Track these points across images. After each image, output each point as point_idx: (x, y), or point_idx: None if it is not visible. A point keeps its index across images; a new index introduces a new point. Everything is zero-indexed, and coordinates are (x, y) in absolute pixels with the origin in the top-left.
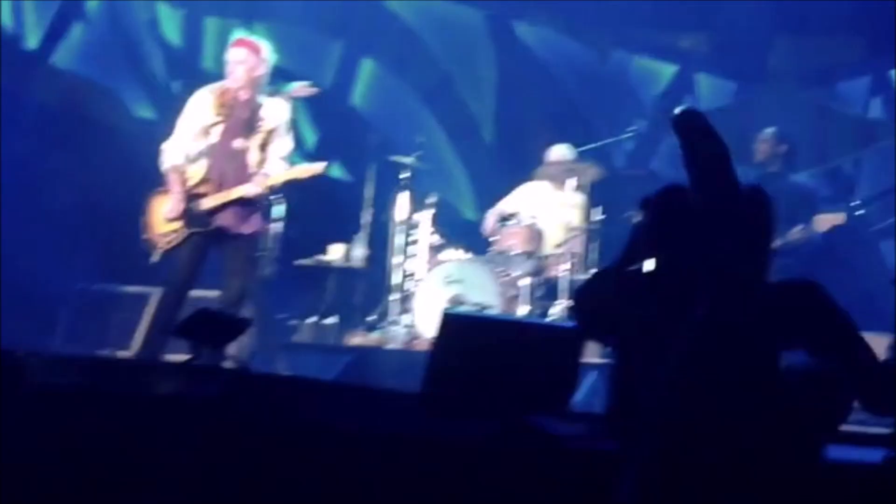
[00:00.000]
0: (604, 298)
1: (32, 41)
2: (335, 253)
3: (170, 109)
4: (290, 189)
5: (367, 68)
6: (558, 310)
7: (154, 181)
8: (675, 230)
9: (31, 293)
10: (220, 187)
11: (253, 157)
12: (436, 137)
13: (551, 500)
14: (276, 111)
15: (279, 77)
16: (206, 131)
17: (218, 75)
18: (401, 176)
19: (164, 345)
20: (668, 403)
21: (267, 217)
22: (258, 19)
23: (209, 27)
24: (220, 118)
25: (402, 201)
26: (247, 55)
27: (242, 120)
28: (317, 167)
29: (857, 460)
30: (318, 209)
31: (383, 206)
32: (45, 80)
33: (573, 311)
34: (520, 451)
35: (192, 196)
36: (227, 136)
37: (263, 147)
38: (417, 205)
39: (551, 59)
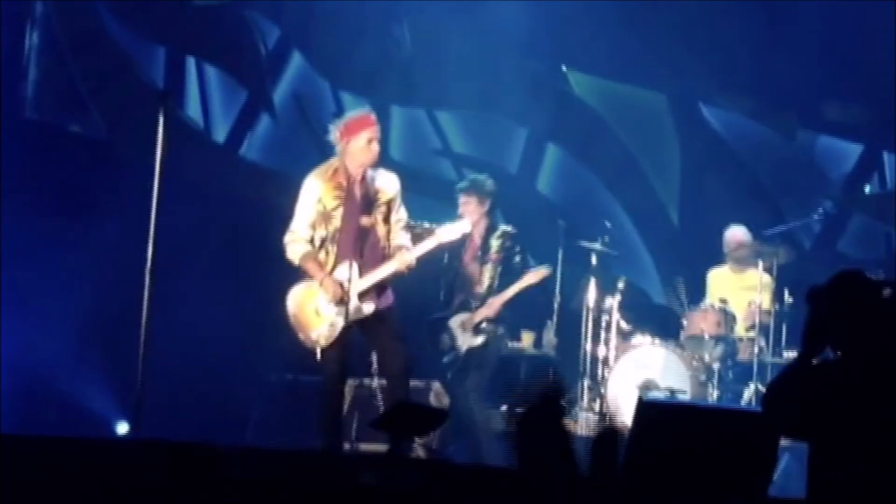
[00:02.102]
0: (792, 396)
1: (220, 134)
2: (527, 340)
3: None
4: None
5: (552, 153)
6: (750, 393)
7: None
8: (848, 321)
9: (222, 385)
10: (361, 268)
11: (381, 231)
12: (622, 221)
13: None
14: (389, 182)
15: (465, 163)
16: (327, 217)
17: (405, 164)
18: (589, 261)
19: (340, 435)
20: None
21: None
22: (443, 107)
23: (395, 116)
24: (338, 201)
25: (591, 287)
26: (376, 131)
27: (361, 197)
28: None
29: None
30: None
31: (573, 292)
32: (234, 173)
33: (765, 412)
34: None
35: (329, 288)
36: (352, 217)
37: (386, 219)
38: (606, 290)
39: (736, 141)
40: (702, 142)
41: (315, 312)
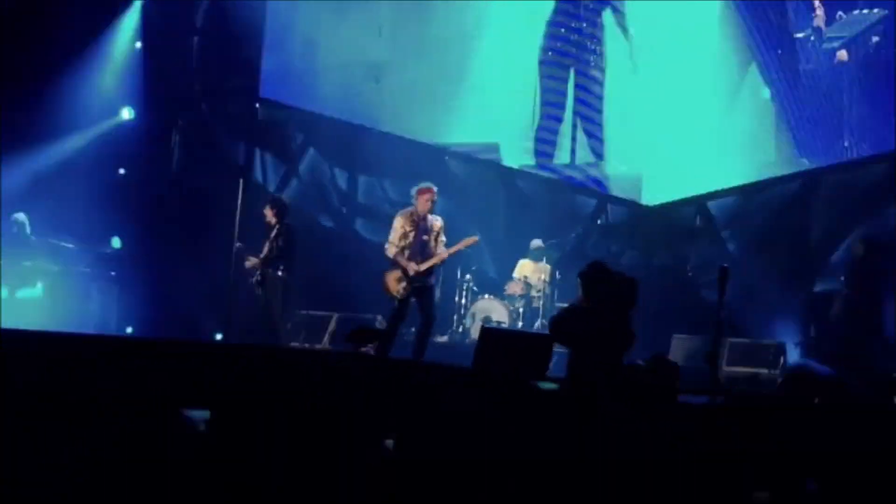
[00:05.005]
0: (564, 324)
1: (271, 186)
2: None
3: (344, 224)
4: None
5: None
6: (538, 324)
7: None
8: (597, 290)
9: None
10: (423, 261)
11: (431, 245)
12: (479, 232)
13: (532, 426)
14: (436, 221)
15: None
16: (406, 237)
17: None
18: (460, 258)
19: (389, 344)
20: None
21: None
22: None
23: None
24: (412, 228)
25: (459, 271)
26: (434, 196)
27: (423, 226)
28: (473, 239)
29: None
30: None
31: (449, 273)
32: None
33: (550, 331)
34: (518, 398)
35: (405, 270)
36: (418, 236)
37: (436, 239)
38: (466, 271)
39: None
40: (516, 195)
41: (397, 282)
